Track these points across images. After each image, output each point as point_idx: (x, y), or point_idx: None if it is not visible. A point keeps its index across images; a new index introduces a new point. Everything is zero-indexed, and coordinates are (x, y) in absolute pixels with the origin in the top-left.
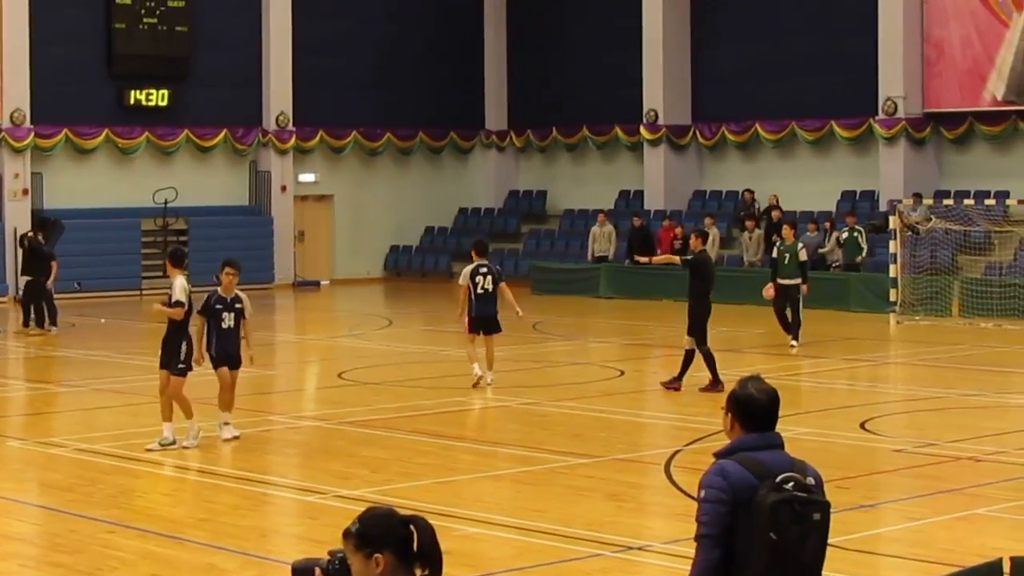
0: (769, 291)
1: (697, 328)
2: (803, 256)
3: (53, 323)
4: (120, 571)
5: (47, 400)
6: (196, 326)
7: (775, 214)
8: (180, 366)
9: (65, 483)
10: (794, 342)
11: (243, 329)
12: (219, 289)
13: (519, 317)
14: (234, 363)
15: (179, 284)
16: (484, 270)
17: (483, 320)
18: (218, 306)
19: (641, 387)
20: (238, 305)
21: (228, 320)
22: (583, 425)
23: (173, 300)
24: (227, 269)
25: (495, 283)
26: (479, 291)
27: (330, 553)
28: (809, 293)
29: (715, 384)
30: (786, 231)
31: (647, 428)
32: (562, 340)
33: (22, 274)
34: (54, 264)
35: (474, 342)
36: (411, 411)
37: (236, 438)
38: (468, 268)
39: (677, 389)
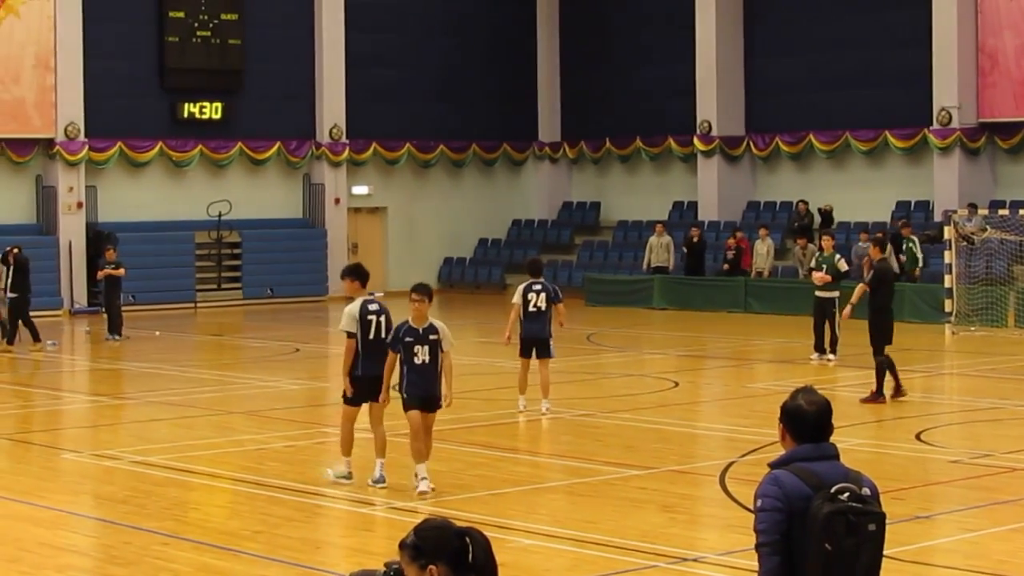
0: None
1: (878, 338)
2: (843, 267)
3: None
4: None
5: (102, 413)
6: (387, 362)
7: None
8: (345, 396)
9: (120, 495)
10: (831, 356)
11: (442, 364)
12: (409, 319)
13: (561, 327)
14: (429, 405)
15: (348, 311)
16: (538, 287)
17: (532, 342)
18: (408, 338)
19: (695, 398)
20: (433, 336)
21: (422, 354)
22: (637, 437)
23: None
24: (412, 295)
25: (548, 302)
26: (530, 309)
27: (386, 564)
28: (849, 307)
29: (878, 395)
30: (825, 242)
31: (701, 440)
32: (616, 351)
33: (11, 291)
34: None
35: (526, 368)
36: (464, 423)
37: (431, 491)
38: (522, 285)
39: (883, 401)
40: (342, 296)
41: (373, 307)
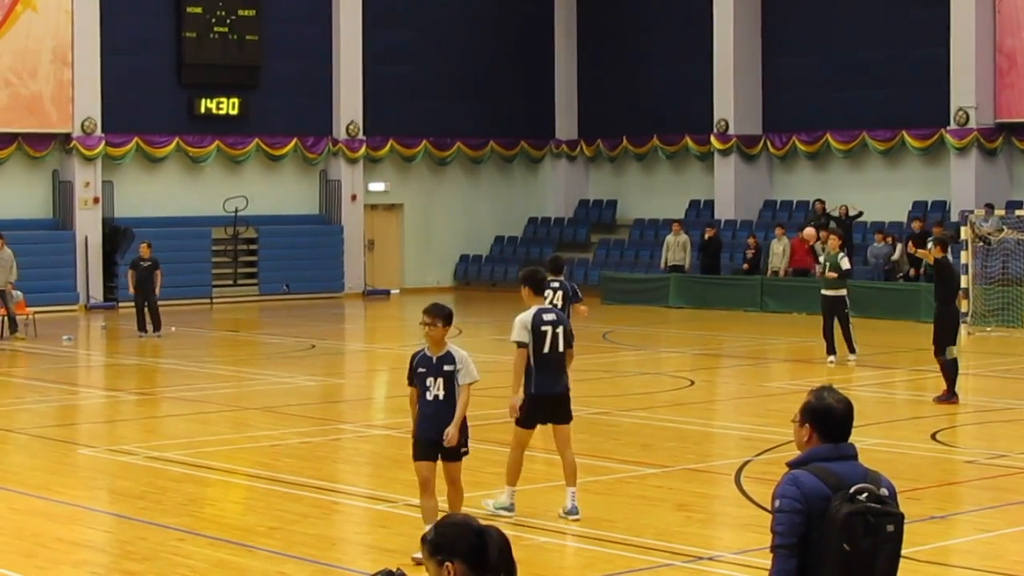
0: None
1: (943, 337)
2: (845, 265)
3: (157, 329)
4: None
5: (118, 408)
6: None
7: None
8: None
9: (136, 491)
10: (851, 356)
11: (459, 398)
12: (425, 347)
13: (585, 316)
14: (444, 452)
15: (520, 319)
16: (555, 284)
17: None
18: (420, 369)
19: (711, 397)
20: (448, 367)
21: (434, 388)
22: (653, 435)
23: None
24: (423, 317)
25: (566, 300)
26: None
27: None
28: (847, 302)
29: (950, 396)
30: (832, 241)
31: (717, 438)
32: (632, 350)
33: None
34: (159, 273)
35: None
36: (481, 420)
37: None
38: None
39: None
40: (357, 293)
41: (549, 316)
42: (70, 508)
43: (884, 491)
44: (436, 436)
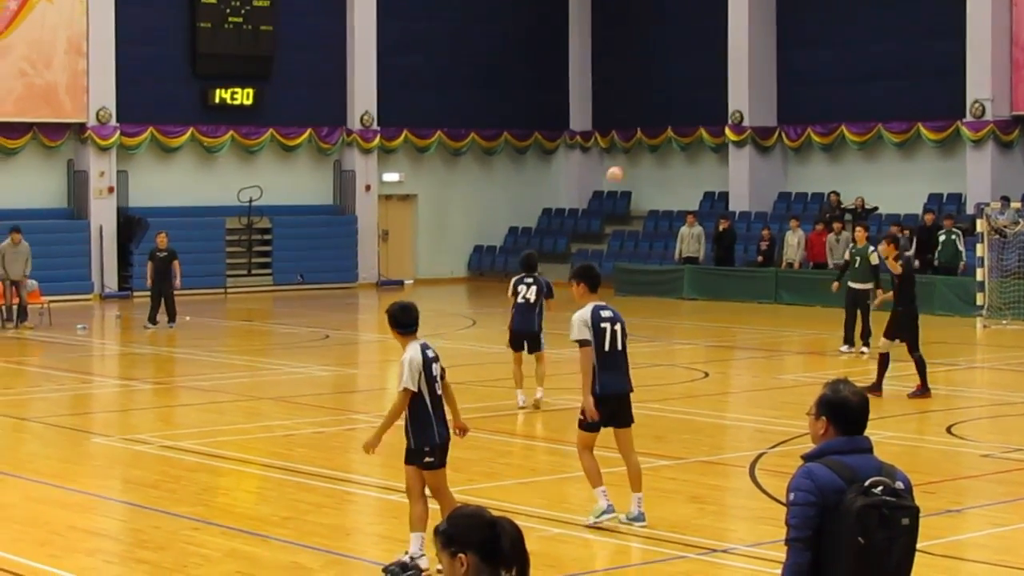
0: (835, 287)
1: (915, 333)
2: (874, 260)
3: (172, 320)
4: (204, 568)
5: (132, 397)
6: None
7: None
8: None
9: (149, 480)
10: (865, 349)
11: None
12: None
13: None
14: (414, 461)
15: (578, 317)
16: (529, 280)
17: (522, 336)
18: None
19: (725, 389)
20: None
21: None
22: (666, 427)
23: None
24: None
25: (539, 295)
26: (519, 301)
27: (384, 570)
28: (882, 299)
29: (924, 390)
30: (858, 234)
31: (731, 431)
32: (645, 342)
33: None
34: (176, 263)
35: (519, 362)
36: (493, 411)
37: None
38: (513, 279)
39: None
40: (371, 283)
41: (606, 313)
42: (84, 497)
43: (899, 484)
44: (410, 442)
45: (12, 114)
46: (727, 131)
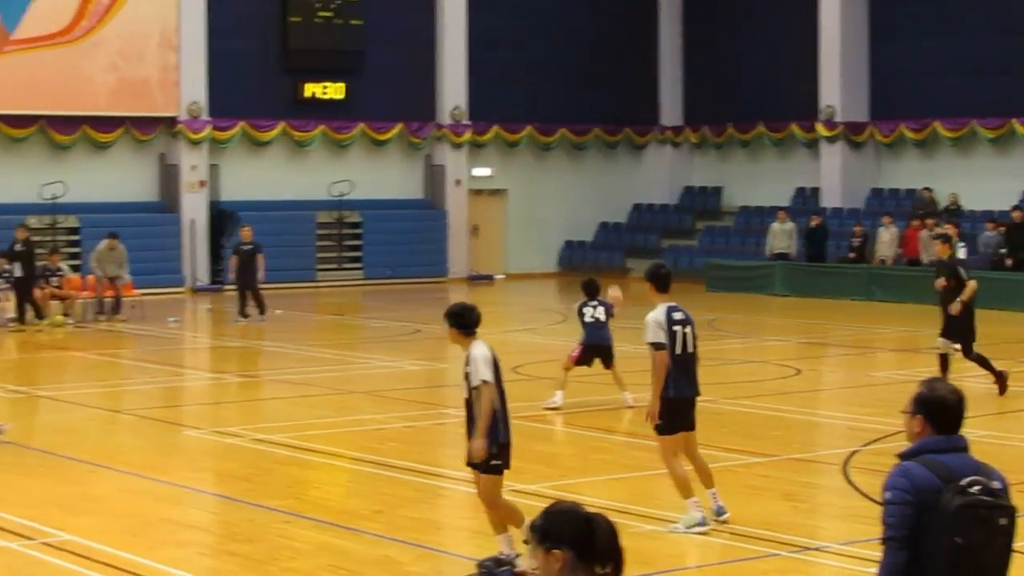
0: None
1: (967, 335)
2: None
3: (262, 312)
4: (296, 561)
5: (223, 390)
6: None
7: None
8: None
9: (241, 472)
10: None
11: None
12: None
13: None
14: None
15: (652, 318)
16: (594, 303)
17: (596, 349)
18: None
19: (817, 386)
20: (466, 368)
21: (465, 390)
22: (758, 424)
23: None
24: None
25: (607, 315)
26: (587, 320)
27: (479, 564)
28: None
29: (1001, 379)
30: (949, 230)
31: (823, 428)
32: (737, 338)
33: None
34: (260, 257)
35: (568, 372)
36: (585, 407)
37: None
38: (577, 303)
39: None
40: (461, 278)
41: (678, 315)
42: (176, 489)
43: (996, 484)
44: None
45: (104, 108)
46: (819, 126)
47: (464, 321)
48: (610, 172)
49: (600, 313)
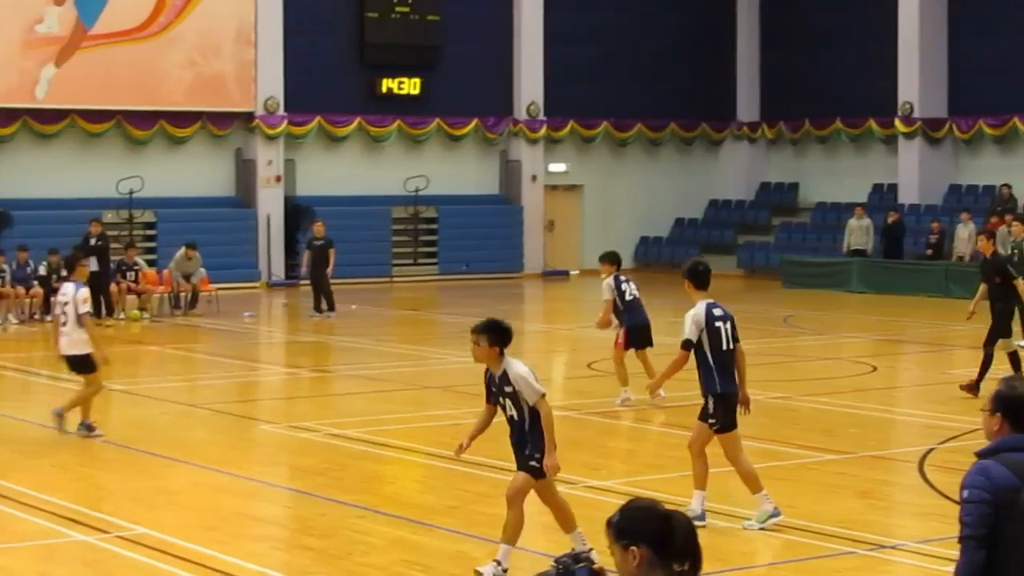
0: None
1: (998, 328)
2: None
3: (331, 309)
4: (370, 556)
5: (298, 385)
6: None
7: None
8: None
9: (316, 467)
10: (1021, 342)
11: (541, 422)
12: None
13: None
14: (528, 469)
15: (692, 316)
16: (624, 278)
17: (640, 329)
18: (491, 387)
19: (894, 383)
20: (508, 388)
21: (509, 408)
22: (834, 421)
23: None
24: (471, 335)
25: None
26: (628, 298)
27: (556, 560)
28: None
29: (975, 387)
30: (1016, 228)
31: (900, 425)
32: (813, 335)
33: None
34: (332, 252)
35: (623, 362)
36: (660, 403)
37: None
38: (610, 278)
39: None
40: (536, 273)
41: (718, 312)
42: (251, 483)
43: None
44: (516, 453)
45: (181, 103)
46: (897, 122)
47: (507, 339)
48: (686, 168)
49: (636, 289)
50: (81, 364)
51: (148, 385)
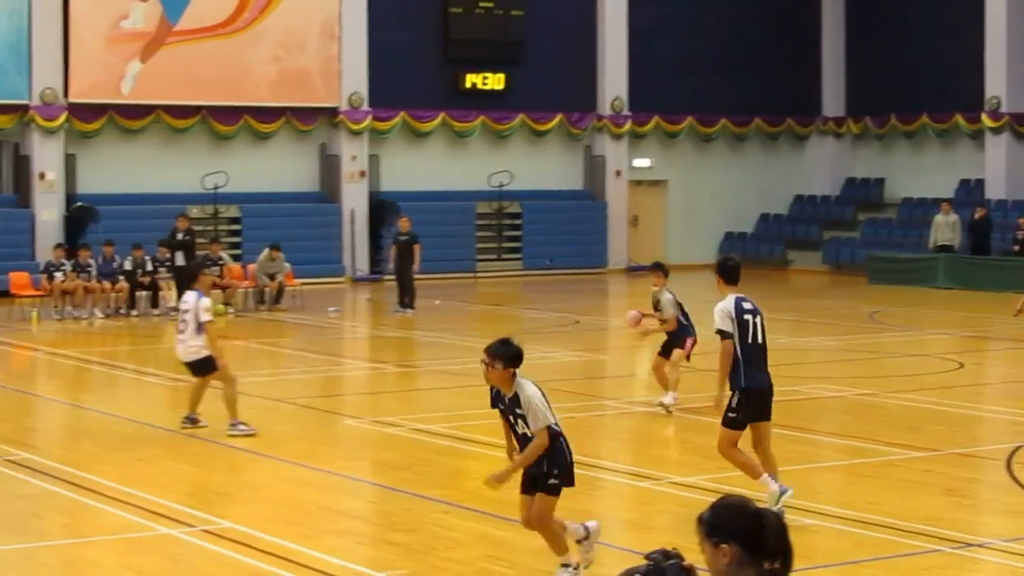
0: None
1: None
2: None
3: (411, 306)
4: (455, 551)
5: (382, 380)
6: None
7: None
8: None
9: (400, 462)
10: None
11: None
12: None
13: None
14: (532, 484)
15: (722, 308)
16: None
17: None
18: (499, 404)
19: (980, 380)
20: (519, 410)
21: (520, 426)
22: (920, 418)
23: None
24: (484, 357)
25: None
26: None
27: (647, 556)
28: None
29: None
30: None
31: (987, 423)
32: (899, 331)
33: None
34: (417, 248)
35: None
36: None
37: None
38: (669, 294)
39: None
40: (620, 269)
41: (748, 305)
42: (335, 478)
43: None
44: (536, 471)
45: (266, 99)
46: (984, 117)
47: (520, 361)
48: (771, 163)
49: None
50: (203, 367)
51: None
